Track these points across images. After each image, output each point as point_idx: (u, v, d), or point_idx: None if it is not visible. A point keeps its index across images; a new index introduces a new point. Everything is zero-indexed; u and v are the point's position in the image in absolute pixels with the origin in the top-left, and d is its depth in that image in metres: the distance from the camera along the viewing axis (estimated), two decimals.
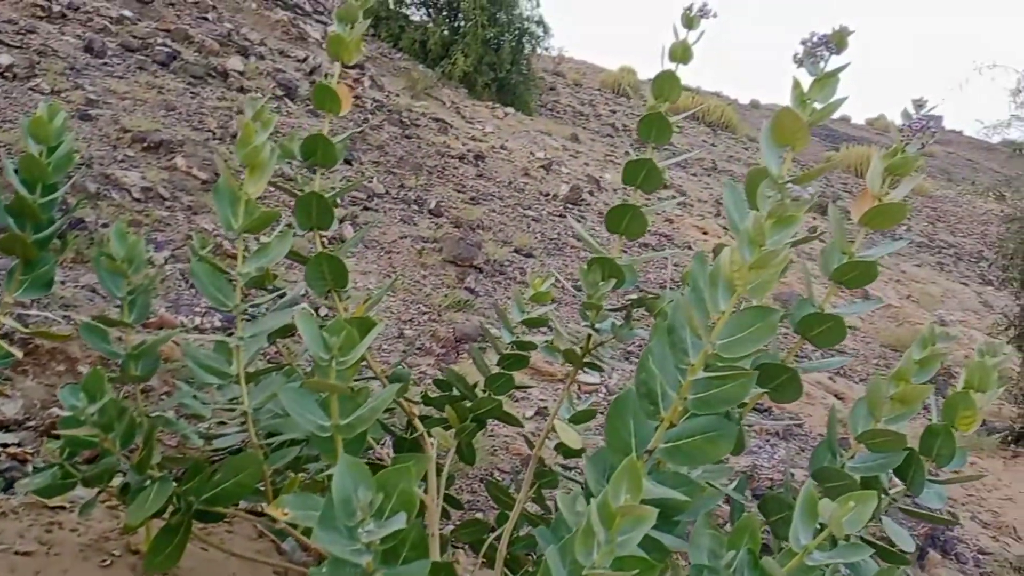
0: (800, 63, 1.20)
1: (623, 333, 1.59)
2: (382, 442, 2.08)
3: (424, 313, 3.97)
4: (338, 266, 1.57)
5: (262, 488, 1.42)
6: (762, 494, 1.46)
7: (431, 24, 10.40)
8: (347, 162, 5.77)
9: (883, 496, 1.42)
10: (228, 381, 1.43)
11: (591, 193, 7.75)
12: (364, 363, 1.66)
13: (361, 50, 1.70)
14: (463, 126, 8.55)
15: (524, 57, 11.19)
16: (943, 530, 3.46)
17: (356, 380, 1.82)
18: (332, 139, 1.62)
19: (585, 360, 1.64)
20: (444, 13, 10.73)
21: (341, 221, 4.48)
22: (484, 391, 1.91)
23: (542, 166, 7.97)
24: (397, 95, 8.47)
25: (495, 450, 2.83)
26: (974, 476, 1.62)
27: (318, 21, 9.43)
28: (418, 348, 3.62)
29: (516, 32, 10.83)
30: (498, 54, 10.43)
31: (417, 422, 1.64)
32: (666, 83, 1.57)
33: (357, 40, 1.66)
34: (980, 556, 3.29)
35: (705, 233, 7.65)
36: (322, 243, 1.61)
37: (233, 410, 1.50)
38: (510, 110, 10.38)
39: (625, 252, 1.63)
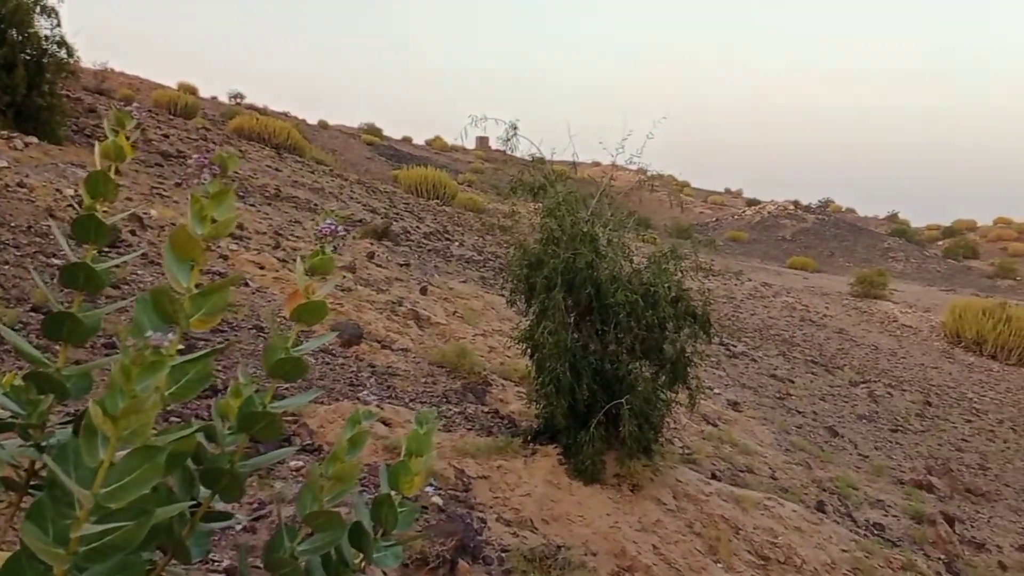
0: (185, 182, 1.23)
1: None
2: None
3: None
4: None
5: None
6: None
7: None
8: None
9: (345, 567, 1.53)
10: None
11: (133, 232, 7.18)
12: None
13: None
14: None
15: (48, 80, 9.93)
16: (473, 536, 3.87)
17: None
18: None
19: (32, 484, 1.49)
20: None
21: None
22: None
23: (71, 204, 7.16)
24: None
25: None
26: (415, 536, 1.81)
27: None
28: None
29: (34, 53, 9.55)
30: (12, 76, 9.09)
31: None
32: (100, 182, 1.51)
33: None
34: (503, 554, 3.75)
35: (262, 268, 7.57)
36: None
37: None
38: (33, 139, 9.14)
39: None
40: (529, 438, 5.12)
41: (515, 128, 4.97)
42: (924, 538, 5.83)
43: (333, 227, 1.45)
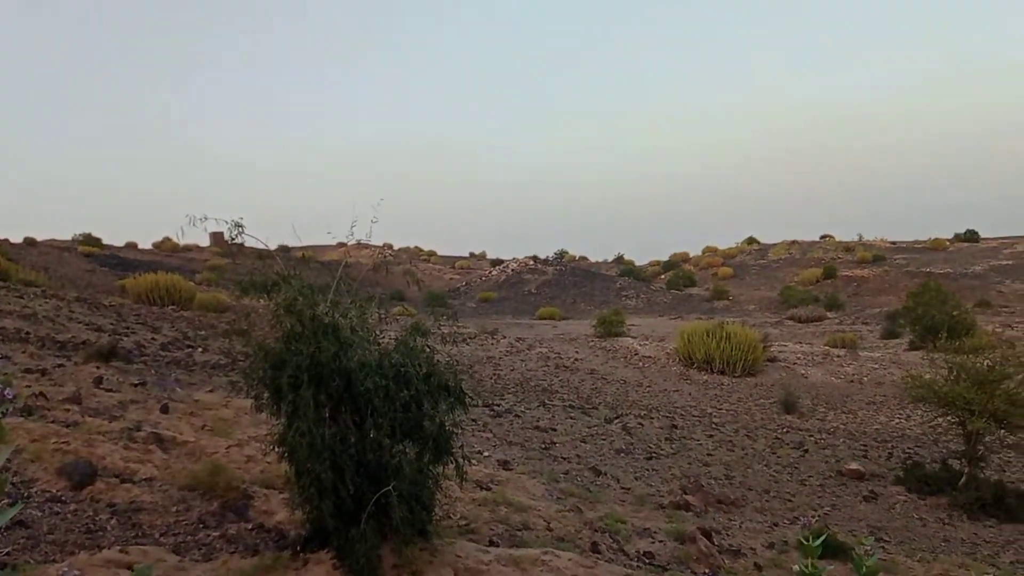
0: None
1: None
2: None
3: None
4: None
5: None
6: None
7: None
8: None
9: None
10: None
11: None
12: None
13: None
14: None
15: None
16: None
17: None
18: None
19: None
20: None
21: None
22: None
23: None
24: None
25: None
26: None
27: None
28: None
29: None
30: None
31: None
32: None
33: None
34: None
35: None
36: None
37: None
38: None
39: None
40: (299, 548, 4.85)
41: (240, 226, 4.82)
42: (688, 556, 6.28)
43: (3, 392, 1.31)
